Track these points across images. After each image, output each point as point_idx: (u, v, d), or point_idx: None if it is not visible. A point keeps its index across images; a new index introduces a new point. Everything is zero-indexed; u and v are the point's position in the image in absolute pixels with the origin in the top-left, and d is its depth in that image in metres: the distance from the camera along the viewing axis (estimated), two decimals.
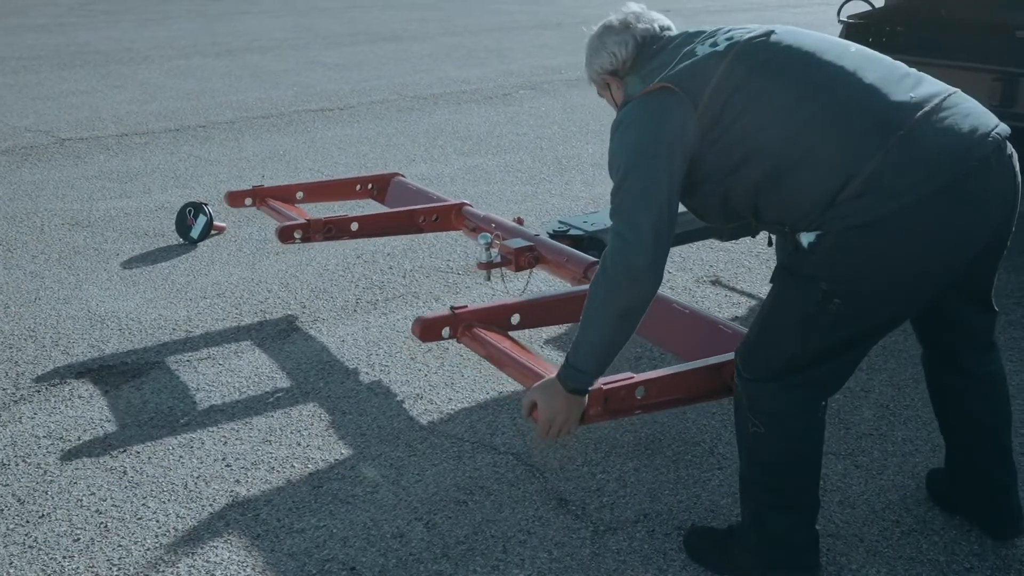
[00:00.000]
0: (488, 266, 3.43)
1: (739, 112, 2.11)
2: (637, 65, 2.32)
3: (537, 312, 3.06)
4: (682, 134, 2.14)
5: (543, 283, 4.19)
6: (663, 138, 2.15)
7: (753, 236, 2.75)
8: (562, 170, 6.26)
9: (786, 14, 14.95)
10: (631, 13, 2.37)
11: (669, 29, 2.39)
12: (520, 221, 3.71)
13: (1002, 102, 4.17)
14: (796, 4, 16.54)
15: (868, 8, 5.15)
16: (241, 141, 6.98)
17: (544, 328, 3.80)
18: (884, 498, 2.76)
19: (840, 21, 5.06)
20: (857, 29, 5.04)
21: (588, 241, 3.56)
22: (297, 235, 3.70)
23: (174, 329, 3.86)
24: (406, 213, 3.97)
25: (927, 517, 2.67)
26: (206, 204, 4.90)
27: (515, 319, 2.97)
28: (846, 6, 5.03)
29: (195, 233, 4.81)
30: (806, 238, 2.11)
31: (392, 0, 17.21)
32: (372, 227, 3.92)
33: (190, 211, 4.83)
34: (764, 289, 4.27)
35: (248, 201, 4.17)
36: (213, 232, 4.90)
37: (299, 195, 4.30)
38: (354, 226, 3.82)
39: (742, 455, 2.34)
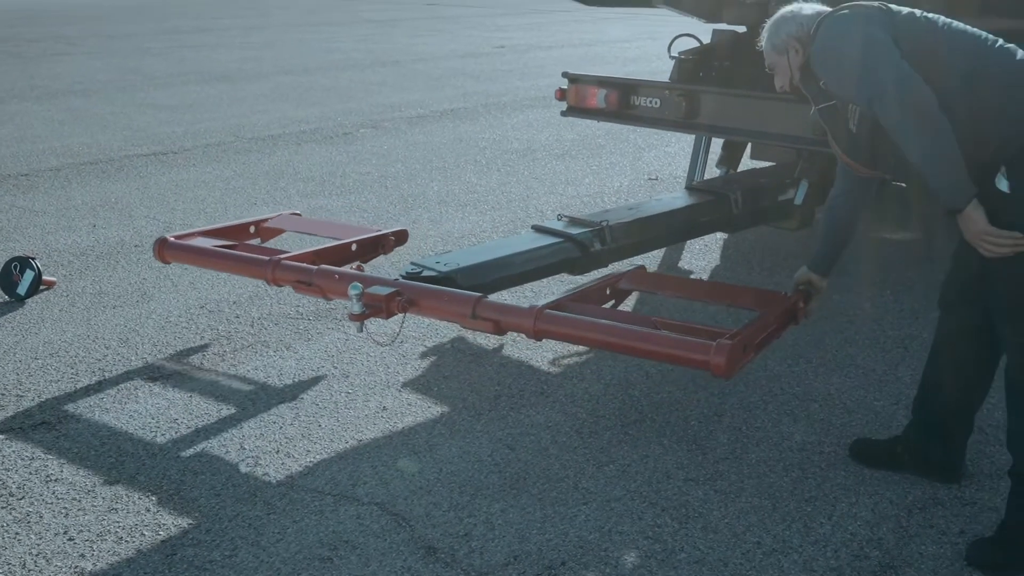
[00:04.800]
0: (361, 317, 3.28)
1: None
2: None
3: None
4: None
5: (419, 327, 4.13)
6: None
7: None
8: (408, 208, 6.23)
9: (616, 49, 15.47)
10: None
11: None
12: (360, 268, 3.63)
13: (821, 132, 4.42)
14: (627, 39, 17.15)
15: (696, 44, 5.36)
16: (69, 189, 6.63)
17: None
18: (744, 520, 2.83)
19: (671, 57, 5.25)
20: (688, 64, 5.23)
21: (443, 282, 3.51)
22: None
23: (3, 395, 3.59)
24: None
25: (785, 536, 2.75)
26: (33, 258, 4.61)
27: None
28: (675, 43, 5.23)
29: (22, 289, 4.52)
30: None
31: (223, 39, 16.85)
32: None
33: (16, 266, 4.54)
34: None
35: None
36: (42, 287, 4.61)
37: None
38: None
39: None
